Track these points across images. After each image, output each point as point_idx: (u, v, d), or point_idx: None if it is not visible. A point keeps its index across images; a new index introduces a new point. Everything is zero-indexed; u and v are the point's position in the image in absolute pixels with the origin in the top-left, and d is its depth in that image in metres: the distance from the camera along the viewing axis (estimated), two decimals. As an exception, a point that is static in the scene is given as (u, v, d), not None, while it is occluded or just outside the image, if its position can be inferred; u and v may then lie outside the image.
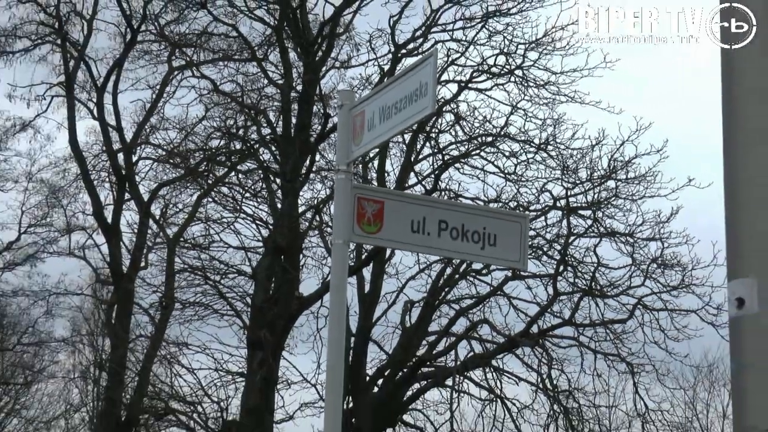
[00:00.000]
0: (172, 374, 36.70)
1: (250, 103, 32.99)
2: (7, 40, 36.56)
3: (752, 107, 6.12)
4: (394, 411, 31.19)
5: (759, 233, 5.84)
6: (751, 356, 5.70)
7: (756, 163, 5.98)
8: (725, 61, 6.32)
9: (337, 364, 8.63)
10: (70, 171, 39.16)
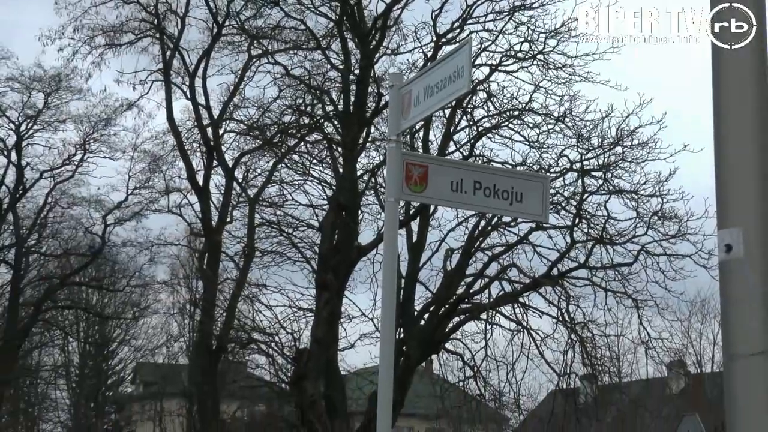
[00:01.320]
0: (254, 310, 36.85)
1: (316, 84, 33.05)
2: (115, 35, 36.74)
3: (734, 81, 6.08)
4: (437, 340, 31.26)
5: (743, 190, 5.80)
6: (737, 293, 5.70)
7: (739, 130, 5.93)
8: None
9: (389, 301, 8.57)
10: (167, 143, 39.38)
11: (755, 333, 5.59)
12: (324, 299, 30.66)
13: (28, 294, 56.57)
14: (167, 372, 60.43)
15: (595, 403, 33.37)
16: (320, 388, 30.01)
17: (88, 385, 66.68)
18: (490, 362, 31.42)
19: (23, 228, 55.83)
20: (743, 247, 5.68)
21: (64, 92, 50.71)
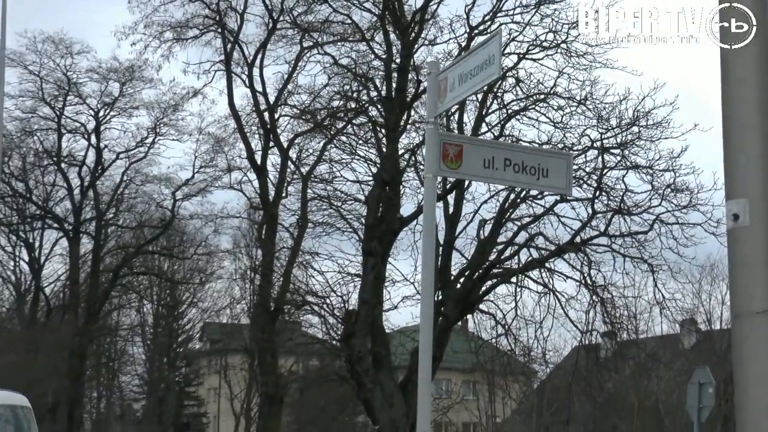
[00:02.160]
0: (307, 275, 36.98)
1: (362, 73, 33.08)
2: (182, 30, 36.91)
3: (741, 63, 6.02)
4: (472, 302, 31.32)
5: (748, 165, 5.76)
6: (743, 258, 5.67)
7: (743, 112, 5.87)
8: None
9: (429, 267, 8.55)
10: (229, 126, 39.54)
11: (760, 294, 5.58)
12: (370, 265, 30.77)
13: (107, 262, 57.02)
14: (231, 330, 60.76)
15: (615, 358, 33.30)
16: (367, 344, 30.09)
17: (160, 342, 67.14)
18: (520, 321, 31.63)
19: (102, 203, 56.22)
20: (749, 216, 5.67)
21: (137, 82, 51.02)
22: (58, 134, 54.97)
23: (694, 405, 19.68)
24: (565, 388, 36.68)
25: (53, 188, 58.40)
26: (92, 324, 56.33)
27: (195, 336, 70.48)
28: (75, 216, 56.68)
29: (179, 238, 57.76)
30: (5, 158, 50.19)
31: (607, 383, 34.80)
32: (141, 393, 73.00)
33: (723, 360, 30.03)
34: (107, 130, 54.69)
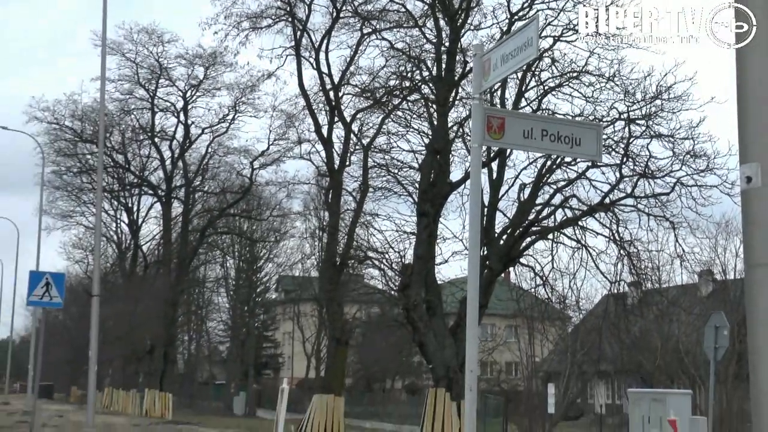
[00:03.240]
0: (368, 234, 37.22)
1: (415, 55, 33.08)
2: (257, 20, 36.95)
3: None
4: (513, 256, 31.36)
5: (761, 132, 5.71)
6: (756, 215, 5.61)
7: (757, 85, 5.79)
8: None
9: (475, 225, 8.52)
10: (299, 104, 39.54)
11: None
12: (423, 224, 30.84)
13: (195, 223, 57.55)
14: (302, 282, 61.10)
15: (640, 304, 33.21)
16: (421, 294, 30.14)
17: (241, 293, 67.61)
18: (556, 273, 31.71)
19: (190, 172, 56.77)
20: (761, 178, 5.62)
21: (218, 66, 51.41)
22: (151, 113, 55.62)
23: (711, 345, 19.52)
24: (595, 331, 36.56)
25: (148, 159, 59.22)
26: (183, 277, 56.96)
27: (271, 287, 70.93)
28: (167, 183, 57.34)
29: (257, 202, 58.16)
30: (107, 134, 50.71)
31: (633, 327, 34.66)
32: (225, 337, 73.70)
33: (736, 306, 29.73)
34: (194, 108, 55.27)
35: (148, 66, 53.31)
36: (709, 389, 20.52)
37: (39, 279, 21.29)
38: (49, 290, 20.91)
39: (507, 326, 51.63)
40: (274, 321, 74.05)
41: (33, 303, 21.90)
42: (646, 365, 35.86)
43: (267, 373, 74.07)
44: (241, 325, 67.71)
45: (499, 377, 50.44)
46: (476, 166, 9.11)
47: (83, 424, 32.06)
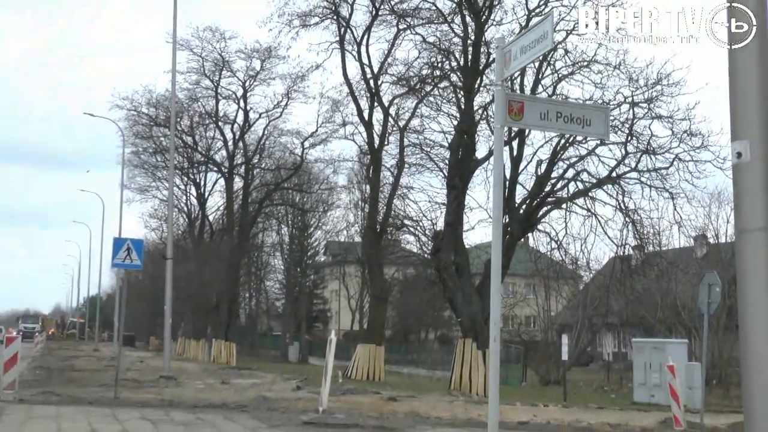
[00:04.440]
0: (405, 204, 37.31)
1: (444, 48, 32.99)
2: (306, 18, 36.97)
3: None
4: (532, 223, 31.34)
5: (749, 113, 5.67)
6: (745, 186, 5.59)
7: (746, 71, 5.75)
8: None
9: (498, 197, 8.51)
10: (343, 91, 39.45)
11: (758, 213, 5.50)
12: (453, 196, 30.82)
13: (254, 196, 57.67)
14: (347, 247, 61.22)
15: (643, 265, 33.11)
16: (451, 257, 30.15)
17: (294, 256, 67.84)
18: (569, 238, 31.82)
19: (249, 152, 56.88)
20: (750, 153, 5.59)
21: (273, 59, 51.34)
22: (215, 100, 55.70)
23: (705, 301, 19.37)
24: (603, 289, 36.57)
25: (213, 141, 59.37)
26: (244, 243, 57.22)
27: (320, 251, 71.11)
28: (229, 161, 57.51)
29: (307, 177, 58.18)
30: (178, 119, 50.90)
31: (636, 285, 34.59)
32: (280, 294, 74.05)
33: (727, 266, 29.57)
34: (252, 96, 55.28)
35: (212, 59, 53.46)
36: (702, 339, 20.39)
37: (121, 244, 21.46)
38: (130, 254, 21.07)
39: (526, 284, 51.63)
40: (322, 280, 74.37)
41: (116, 265, 22.05)
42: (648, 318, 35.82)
43: (317, 325, 74.46)
44: (294, 284, 68.02)
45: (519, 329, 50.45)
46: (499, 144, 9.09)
47: (161, 368, 32.42)
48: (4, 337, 21.73)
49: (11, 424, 14.74)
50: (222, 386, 26.19)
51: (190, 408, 18.44)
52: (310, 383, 26.08)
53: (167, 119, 48.61)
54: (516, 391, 28.50)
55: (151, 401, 19.74)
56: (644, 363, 26.36)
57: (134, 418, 16.08)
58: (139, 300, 75.93)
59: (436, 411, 19.08)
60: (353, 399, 21.47)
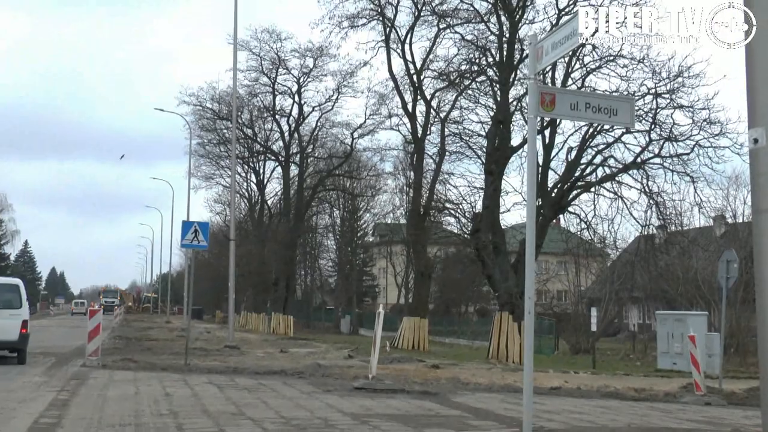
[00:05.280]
0: (446, 189, 37.19)
1: (481, 45, 32.88)
2: (354, 20, 37.12)
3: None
4: (563, 206, 31.24)
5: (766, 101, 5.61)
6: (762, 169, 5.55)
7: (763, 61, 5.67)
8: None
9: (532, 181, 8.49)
10: (388, 86, 39.59)
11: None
12: (490, 181, 30.75)
13: (308, 182, 57.96)
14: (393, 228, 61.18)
15: (665, 244, 32.86)
16: (489, 237, 30.10)
17: (345, 237, 68.05)
18: (597, 219, 31.67)
19: (303, 142, 57.12)
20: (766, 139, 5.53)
21: (324, 57, 51.52)
22: (273, 95, 56.02)
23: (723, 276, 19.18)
24: (629, 265, 36.33)
25: (271, 132, 59.78)
26: (299, 225, 57.54)
27: (369, 232, 71.24)
28: (285, 151, 57.84)
29: (356, 164, 58.28)
30: (239, 113, 51.26)
31: (659, 261, 34.30)
32: (333, 272, 74.38)
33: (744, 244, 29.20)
34: (306, 91, 55.51)
35: (269, 58, 53.76)
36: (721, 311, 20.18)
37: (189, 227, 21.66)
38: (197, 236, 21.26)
39: (558, 262, 51.34)
40: (371, 259, 74.51)
41: (185, 245, 22.28)
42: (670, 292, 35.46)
43: (366, 300, 74.66)
44: (346, 262, 68.26)
45: (552, 303, 50.24)
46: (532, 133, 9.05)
47: (225, 338, 32.78)
48: (88, 310, 22.12)
49: (96, 387, 15.02)
50: (281, 355, 26.41)
51: (252, 374, 18.64)
52: (361, 352, 26.21)
53: (229, 113, 48.95)
54: (548, 360, 28.40)
55: (217, 368, 19.97)
56: (667, 333, 26.14)
57: (202, 382, 16.29)
58: (205, 277, 76.80)
59: (476, 377, 19.10)
60: (400, 367, 21.55)
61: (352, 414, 11.89)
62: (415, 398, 14.46)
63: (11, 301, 20.46)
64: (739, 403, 15.71)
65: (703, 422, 12.28)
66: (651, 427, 11.33)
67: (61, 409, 11.87)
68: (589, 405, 14.43)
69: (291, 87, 55.46)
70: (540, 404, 12.72)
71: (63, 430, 9.90)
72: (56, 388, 14.81)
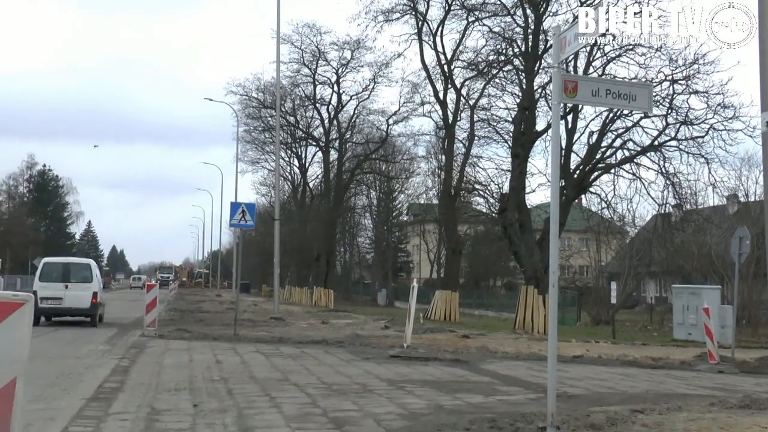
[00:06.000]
0: (475, 171, 37.07)
1: (508, 36, 32.58)
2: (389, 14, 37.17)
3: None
4: (584, 186, 30.99)
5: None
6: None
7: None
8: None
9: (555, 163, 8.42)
10: (421, 75, 39.50)
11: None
12: (516, 163, 30.58)
13: (346, 165, 57.96)
14: (426, 208, 61.08)
15: (681, 221, 32.53)
16: (515, 215, 29.97)
17: (381, 216, 68.12)
18: (617, 198, 31.41)
19: (342, 128, 57.13)
20: (778, 123, 5.41)
21: (361, 49, 51.36)
22: (313, 85, 55.99)
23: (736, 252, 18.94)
24: (647, 242, 36.07)
25: (312, 120, 59.82)
26: (339, 205, 57.64)
27: (403, 212, 71.20)
28: (325, 137, 57.90)
29: (391, 149, 58.21)
30: (282, 102, 51.34)
31: (675, 238, 33.97)
32: (370, 248, 74.52)
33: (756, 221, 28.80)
34: (344, 81, 55.41)
35: (310, 51, 53.75)
36: (734, 285, 19.96)
37: (237, 207, 21.81)
38: (245, 216, 21.41)
39: (580, 239, 51.06)
40: (405, 237, 74.50)
41: (233, 225, 22.45)
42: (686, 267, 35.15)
43: (401, 274, 74.72)
44: (382, 240, 68.35)
45: (574, 277, 50.00)
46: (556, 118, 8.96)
47: (271, 311, 33.03)
48: (145, 285, 22.63)
49: (153, 355, 15.22)
50: (322, 326, 26.55)
51: (296, 343, 18.77)
52: (396, 323, 26.28)
53: (273, 102, 49.08)
54: (571, 330, 28.31)
55: (263, 338, 20.13)
56: (682, 306, 25.94)
57: (250, 351, 16.44)
58: (252, 254, 77.32)
59: (503, 346, 19.08)
60: (432, 336, 21.59)
61: (389, 380, 11.94)
62: (447, 365, 14.49)
63: (85, 277, 23.98)
64: (751, 372, 15.57)
65: (716, 389, 12.19)
66: (667, 392, 11.26)
67: (123, 374, 12.05)
68: (610, 372, 14.37)
69: (330, 77, 55.46)
70: (563, 371, 12.70)
71: (125, 393, 10.06)
72: (118, 355, 15.04)
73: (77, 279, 23.87)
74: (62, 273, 24.10)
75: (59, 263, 25.23)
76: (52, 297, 23.22)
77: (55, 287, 23.40)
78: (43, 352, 14.72)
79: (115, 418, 8.25)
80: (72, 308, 23.62)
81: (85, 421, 7.99)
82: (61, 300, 23.36)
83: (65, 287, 23.50)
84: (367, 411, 8.83)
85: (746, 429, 6.76)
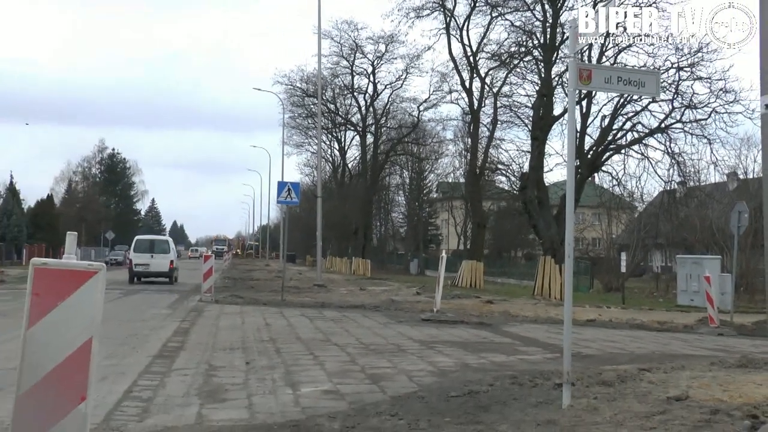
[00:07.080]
0: (498, 153, 36.81)
1: (528, 29, 32.29)
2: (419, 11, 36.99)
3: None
4: (597, 165, 30.72)
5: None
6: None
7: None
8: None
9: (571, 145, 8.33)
10: (449, 66, 39.26)
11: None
12: (535, 145, 30.39)
13: (381, 148, 57.90)
14: (454, 186, 60.85)
15: (685, 197, 32.15)
16: (534, 192, 29.80)
17: (413, 194, 68.03)
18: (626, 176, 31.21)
19: (378, 115, 57.03)
20: (777, 106, 5.28)
21: (394, 43, 51.12)
22: (351, 76, 55.88)
23: (735, 225, 18.69)
24: (654, 216, 35.72)
25: (350, 107, 59.74)
26: (375, 184, 57.66)
27: (433, 190, 71.03)
28: (362, 122, 57.85)
29: (422, 133, 57.99)
30: (323, 91, 51.33)
31: (680, 213, 33.58)
32: (403, 223, 74.49)
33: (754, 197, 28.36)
34: (379, 72, 55.24)
35: (348, 45, 53.62)
36: (733, 255, 19.71)
37: (283, 186, 21.92)
38: (290, 194, 21.52)
39: (592, 213, 50.61)
40: (435, 212, 74.33)
41: (280, 202, 22.60)
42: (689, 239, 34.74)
43: (431, 246, 74.63)
44: (413, 215, 68.30)
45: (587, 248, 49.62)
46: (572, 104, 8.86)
47: (314, 279, 33.23)
48: (202, 256, 23.40)
49: (210, 318, 15.42)
50: (360, 292, 26.68)
51: (337, 308, 18.89)
52: (427, 290, 26.33)
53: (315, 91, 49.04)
54: (585, 297, 28.16)
55: (308, 303, 20.28)
56: (686, 274, 25.68)
57: (296, 315, 16.58)
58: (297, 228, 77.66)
59: (523, 311, 19.06)
60: (459, 302, 21.61)
61: (420, 341, 11.99)
62: (473, 328, 14.51)
63: (165, 249, 29.90)
64: (748, 334, 15.43)
65: (716, 350, 12.08)
66: (672, 353, 11.19)
67: (183, 335, 12.22)
68: (620, 334, 14.30)
69: (366, 69, 55.26)
70: (577, 334, 12.66)
71: (185, 352, 10.21)
72: (179, 318, 15.25)
73: (159, 251, 29.53)
74: (149, 246, 29.88)
75: (146, 239, 31.46)
76: (142, 263, 29.25)
77: (144, 257, 29.29)
78: (114, 316, 14.98)
79: (177, 373, 8.39)
80: (156, 272, 29.48)
81: (151, 376, 8.14)
82: (148, 266, 29.30)
83: (151, 256, 29.27)
84: (401, 368, 8.89)
85: (742, 386, 6.71)
